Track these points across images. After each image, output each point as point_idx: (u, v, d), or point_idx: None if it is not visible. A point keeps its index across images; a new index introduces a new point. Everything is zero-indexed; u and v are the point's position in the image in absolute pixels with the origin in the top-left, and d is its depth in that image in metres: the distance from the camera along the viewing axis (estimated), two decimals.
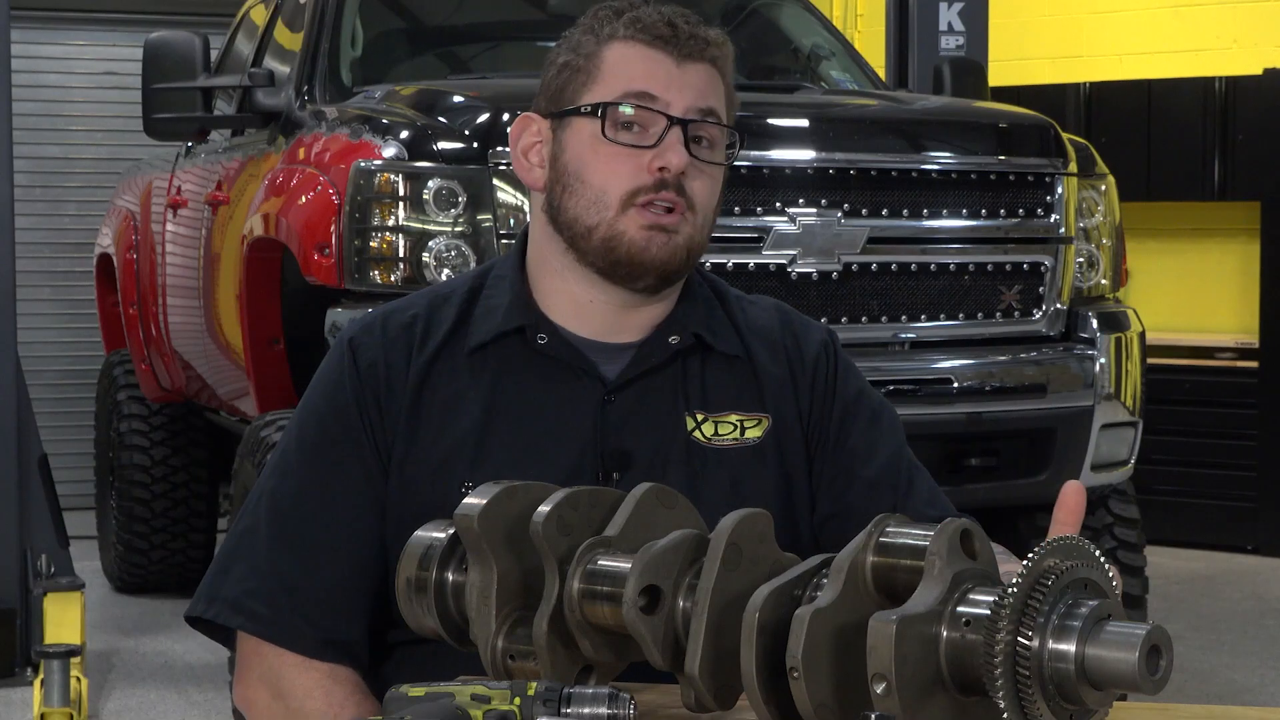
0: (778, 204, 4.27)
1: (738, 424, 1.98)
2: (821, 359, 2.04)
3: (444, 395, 1.94)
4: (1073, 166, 4.63)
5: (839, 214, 4.30)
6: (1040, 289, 4.57)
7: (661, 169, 1.90)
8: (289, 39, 5.50)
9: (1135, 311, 4.81)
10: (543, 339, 1.96)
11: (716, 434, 1.96)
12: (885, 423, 2.05)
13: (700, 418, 1.96)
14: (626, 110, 1.91)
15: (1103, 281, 4.77)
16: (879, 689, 1.32)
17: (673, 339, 1.98)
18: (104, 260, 7.27)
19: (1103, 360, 4.58)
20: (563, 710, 1.44)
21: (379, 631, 1.95)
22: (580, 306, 1.97)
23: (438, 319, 1.98)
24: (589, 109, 1.93)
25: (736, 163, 4.25)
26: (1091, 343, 4.60)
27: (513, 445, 1.92)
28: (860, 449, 2.01)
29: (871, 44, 8.35)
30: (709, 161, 1.94)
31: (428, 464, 1.92)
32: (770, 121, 4.45)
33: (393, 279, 4.14)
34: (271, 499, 1.95)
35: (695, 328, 1.99)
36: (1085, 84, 8.19)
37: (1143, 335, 4.76)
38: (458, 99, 4.39)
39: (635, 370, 1.96)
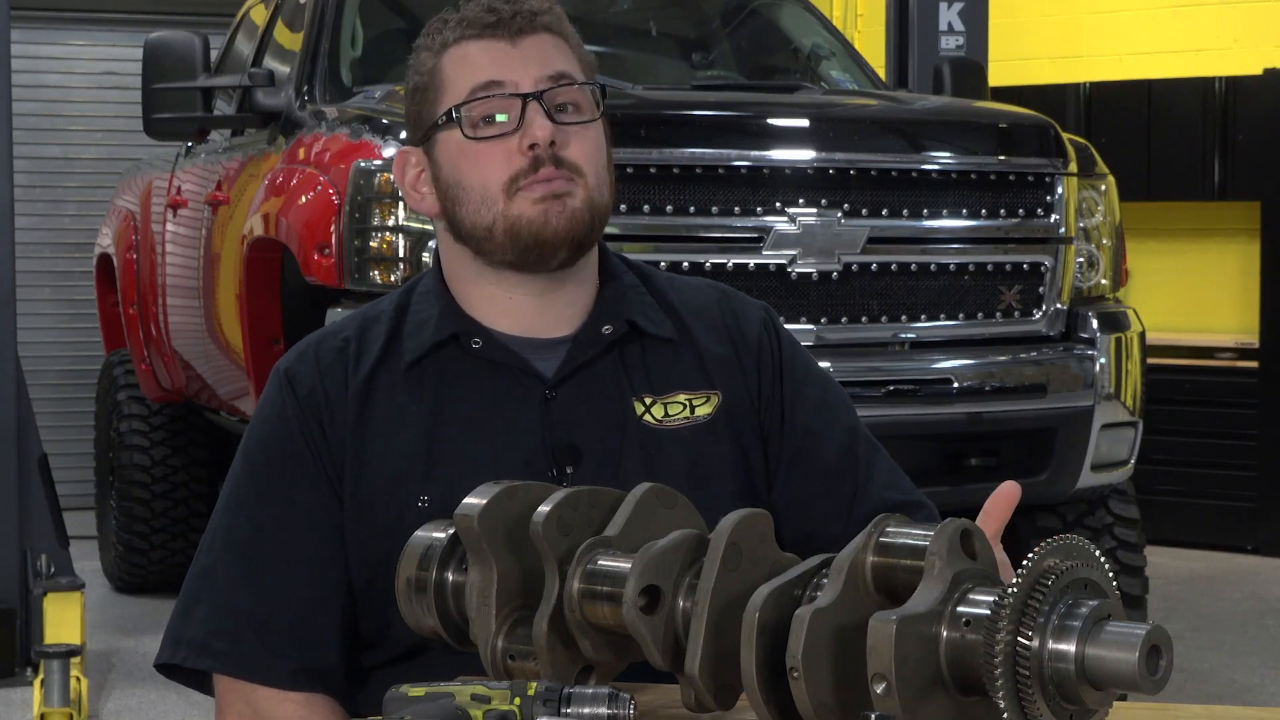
0: (778, 204, 4.27)
1: (686, 403, 1.97)
2: (764, 337, 2.03)
3: (386, 413, 1.93)
4: (1073, 166, 4.63)
5: (839, 214, 4.30)
6: (1040, 289, 4.57)
7: (532, 147, 1.90)
8: (289, 39, 5.51)
9: (1135, 311, 4.81)
10: (477, 343, 1.95)
11: (667, 415, 1.96)
12: (834, 399, 2.05)
13: (649, 401, 1.96)
14: (477, 105, 1.92)
15: (1103, 281, 4.77)
16: (879, 689, 1.32)
17: (606, 329, 1.97)
18: (104, 260, 7.27)
19: (1103, 360, 4.58)
20: (563, 710, 1.44)
21: (353, 657, 1.94)
22: (502, 305, 1.97)
23: (369, 339, 1.97)
24: (444, 119, 1.94)
25: (737, 162, 4.29)
26: (1091, 343, 4.60)
27: (462, 454, 1.91)
28: (814, 429, 2.00)
29: (871, 44, 8.35)
30: (579, 122, 1.94)
31: (379, 483, 1.91)
32: (770, 121, 4.46)
33: (393, 279, 4.14)
34: (226, 535, 1.93)
35: (627, 314, 1.98)
36: (1085, 84, 8.19)
37: (1143, 335, 4.77)
38: None
39: (573, 363, 1.95)
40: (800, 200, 4.29)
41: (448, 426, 1.92)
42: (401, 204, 4.15)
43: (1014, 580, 1.31)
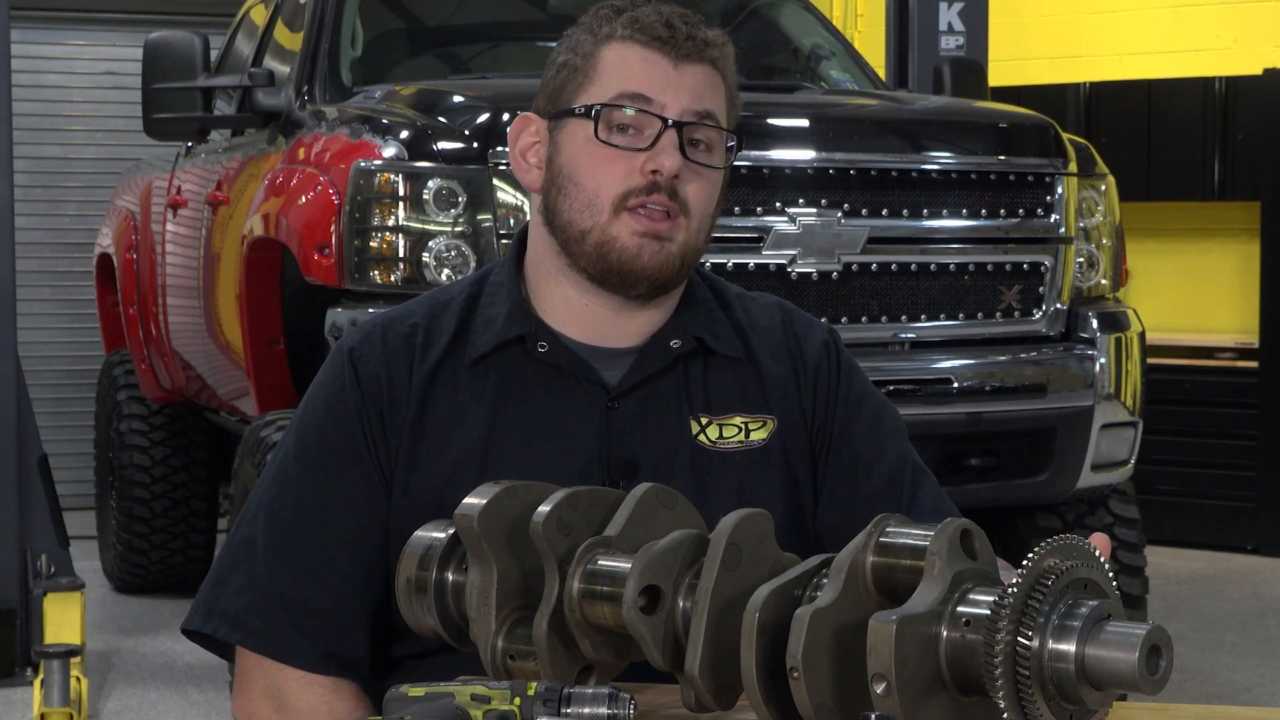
0: (778, 204, 4.27)
1: (742, 426, 1.95)
2: (824, 360, 2.02)
3: (447, 408, 1.92)
4: (1073, 166, 4.63)
5: (839, 214, 4.30)
6: (1040, 289, 4.57)
7: (654, 172, 1.88)
8: (289, 39, 5.50)
9: (1135, 311, 4.81)
10: (543, 347, 1.93)
11: (721, 437, 1.94)
12: (888, 425, 2.03)
13: (705, 421, 1.94)
14: (620, 112, 1.89)
15: (1103, 281, 4.77)
16: (879, 689, 1.32)
17: (674, 343, 1.95)
18: (104, 260, 7.27)
19: (1103, 360, 4.58)
20: (563, 710, 1.44)
21: (383, 645, 1.93)
22: (575, 310, 1.95)
23: (437, 328, 1.95)
24: (583, 110, 1.91)
25: (736, 163, 4.28)
26: (1091, 343, 4.60)
27: (518, 457, 1.90)
28: (864, 454, 1.99)
29: (871, 44, 8.35)
30: (706, 165, 1.92)
31: (430, 479, 1.90)
32: (770, 121, 4.45)
33: (393, 279, 4.14)
34: (270, 511, 1.92)
35: (696, 330, 1.96)
36: (1085, 84, 8.19)
37: (1143, 335, 4.76)
38: (458, 99, 4.39)
39: (637, 376, 1.93)
40: (800, 200, 4.28)
41: (506, 428, 1.91)
42: (402, 204, 4.15)
43: (1014, 580, 1.31)
